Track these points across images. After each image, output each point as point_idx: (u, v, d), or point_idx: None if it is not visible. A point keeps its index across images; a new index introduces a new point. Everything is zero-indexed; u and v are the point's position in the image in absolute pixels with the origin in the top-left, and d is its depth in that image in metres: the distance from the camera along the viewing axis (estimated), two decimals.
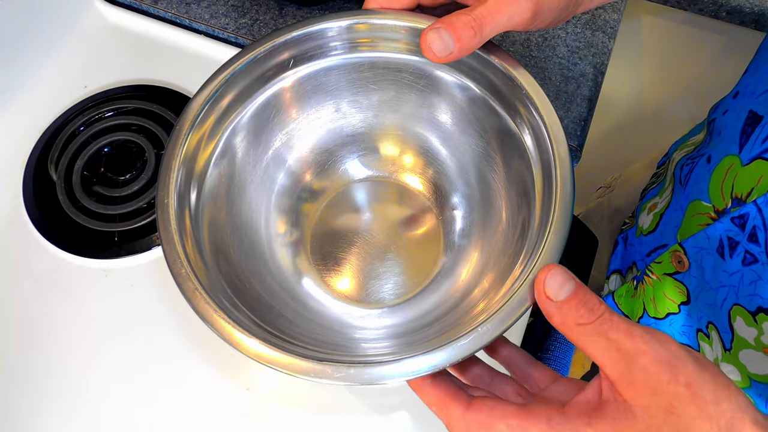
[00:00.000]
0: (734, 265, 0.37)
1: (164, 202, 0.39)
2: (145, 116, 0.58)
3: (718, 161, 0.40)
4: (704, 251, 0.40)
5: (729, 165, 0.38)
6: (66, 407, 0.47)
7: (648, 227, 0.50)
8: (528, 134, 0.42)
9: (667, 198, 0.48)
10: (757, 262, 0.36)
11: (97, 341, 0.49)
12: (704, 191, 0.41)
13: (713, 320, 0.41)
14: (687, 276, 0.43)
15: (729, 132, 0.40)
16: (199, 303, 0.35)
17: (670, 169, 0.52)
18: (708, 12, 0.69)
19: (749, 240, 0.36)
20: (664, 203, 0.49)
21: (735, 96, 0.43)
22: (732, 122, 0.40)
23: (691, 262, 0.42)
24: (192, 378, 0.48)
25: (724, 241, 0.38)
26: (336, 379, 0.33)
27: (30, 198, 0.54)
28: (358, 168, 0.53)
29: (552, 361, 0.52)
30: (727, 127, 0.41)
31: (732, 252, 0.37)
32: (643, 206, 0.53)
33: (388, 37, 0.45)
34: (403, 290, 0.48)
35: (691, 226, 0.42)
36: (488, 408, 0.25)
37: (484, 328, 0.33)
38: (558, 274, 0.26)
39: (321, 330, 0.44)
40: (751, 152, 0.36)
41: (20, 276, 0.52)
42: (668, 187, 0.50)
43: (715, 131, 0.43)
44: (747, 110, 0.38)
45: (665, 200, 0.49)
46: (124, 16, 0.65)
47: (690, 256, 0.42)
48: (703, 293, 0.42)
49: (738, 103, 0.41)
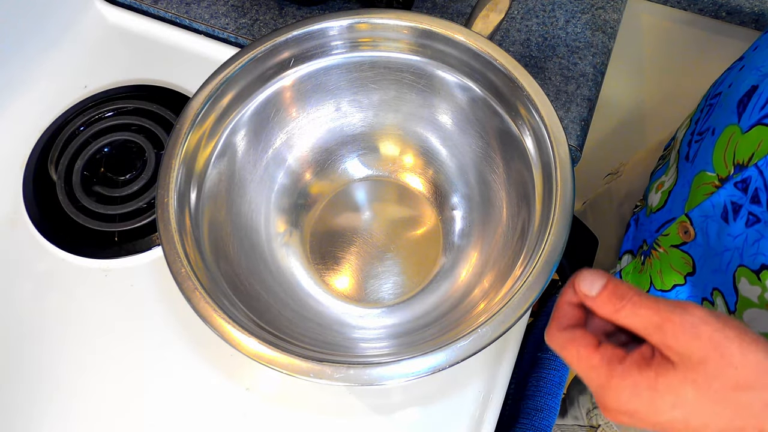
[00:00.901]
0: (738, 228, 0.39)
1: (164, 202, 0.39)
2: (145, 116, 0.58)
3: (721, 132, 0.41)
4: (709, 219, 0.41)
5: (730, 134, 0.40)
6: (65, 406, 0.47)
7: (657, 205, 0.51)
8: (528, 135, 0.42)
9: (674, 175, 0.50)
10: (760, 222, 0.37)
11: (96, 341, 0.49)
12: (709, 162, 0.42)
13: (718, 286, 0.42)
14: (693, 246, 0.44)
15: (731, 103, 0.41)
16: (199, 302, 0.35)
17: (675, 148, 0.53)
18: (708, 12, 0.69)
19: (752, 202, 0.37)
20: (671, 181, 0.50)
21: (741, 69, 0.44)
22: (734, 94, 0.42)
23: (697, 231, 0.43)
24: (192, 378, 0.48)
25: (728, 206, 0.39)
26: (335, 380, 0.33)
27: (30, 198, 0.54)
28: (358, 167, 0.53)
29: (552, 361, 0.52)
30: (730, 100, 0.42)
31: (735, 215, 0.39)
32: (651, 186, 0.54)
33: (389, 37, 0.45)
34: (402, 290, 0.48)
35: (697, 196, 0.43)
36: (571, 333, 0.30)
37: (484, 329, 0.33)
38: (587, 276, 0.30)
39: (320, 329, 0.44)
40: (749, 120, 0.38)
41: (20, 276, 0.51)
42: (673, 165, 0.51)
43: (718, 105, 0.45)
44: (749, 84, 0.40)
45: (672, 178, 0.50)
46: (124, 16, 0.65)
47: (696, 225, 0.43)
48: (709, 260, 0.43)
49: (742, 76, 0.43)
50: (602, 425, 0.65)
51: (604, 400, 0.29)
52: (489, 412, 0.46)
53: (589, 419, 0.67)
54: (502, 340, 0.49)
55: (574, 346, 0.29)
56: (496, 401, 0.47)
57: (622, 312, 0.28)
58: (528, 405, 0.51)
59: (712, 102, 0.47)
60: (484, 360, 0.48)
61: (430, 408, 0.46)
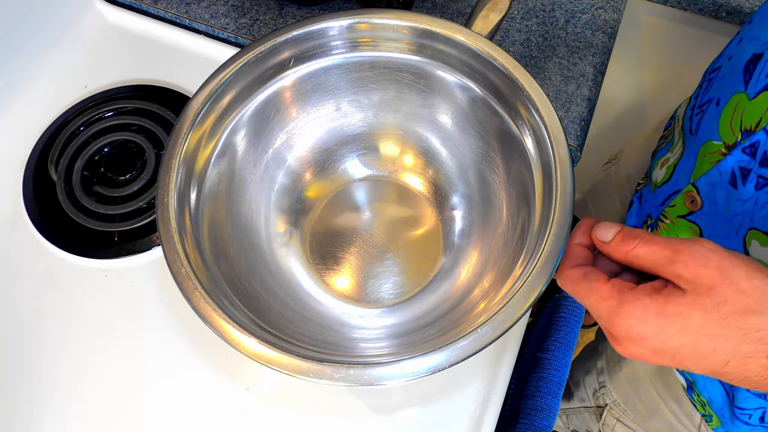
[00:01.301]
0: (747, 192, 0.39)
1: (164, 202, 0.39)
2: (145, 116, 0.58)
3: (727, 101, 0.42)
4: (716, 186, 0.42)
5: (737, 102, 0.40)
6: (65, 406, 0.47)
7: (662, 179, 0.52)
8: (528, 135, 0.42)
9: (679, 150, 0.50)
10: None
11: (96, 341, 0.49)
12: (714, 131, 0.43)
13: None
14: (700, 215, 0.45)
15: (734, 74, 0.42)
16: (199, 302, 0.35)
17: (677, 126, 0.54)
18: (708, 12, 0.69)
19: (761, 165, 0.38)
20: (676, 156, 0.51)
21: (739, 42, 0.45)
22: (736, 65, 0.42)
23: (704, 199, 0.43)
24: (192, 378, 0.48)
25: (736, 171, 0.40)
26: (335, 380, 0.33)
27: (30, 198, 0.54)
28: (358, 167, 0.53)
29: (552, 361, 0.52)
30: (732, 71, 0.43)
31: (744, 180, 0.39)
32: (655, 164, 0.55)
33: (389, 37, 0.45)
34: (402, 290, 0.48)
35: (703, 165, 0.44)
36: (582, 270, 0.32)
37: (484, 329, 0.33)
38: (602, 225, 0.32)
39: (320, 329, 0.44)
40: (756, 86, 0.38)
41: (20, 276, 0.51)
42: (678, 141, 0.52)
43: (718, 77, 0.46)
44: (750, 53, 0.41)
45: (677, 153, 0.51)
46: (124, 16, 0.65)
47: (702, 194, 0.43)
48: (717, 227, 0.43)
49: (740, 48, 0.44)
50: (609, 404, 0.65)
51: (614, 328, 0.29)
52: (489, 412, 0.46)
53: (596, 399, 0.67)
54: (502, 340, 0.49)
55: (585, 280, 0.31)
56: (496, 401, 0.47)
57: (635, 251, 0.30)
58: (528, 405, 0.51)
59: (711, 76, 0.48)
60: (484, 360, 0.48)
61: (430, 408, 0.46)
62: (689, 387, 0.50)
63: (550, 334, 0.53)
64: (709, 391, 0.47)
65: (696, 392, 0.49)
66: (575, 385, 0.72)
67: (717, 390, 0.46)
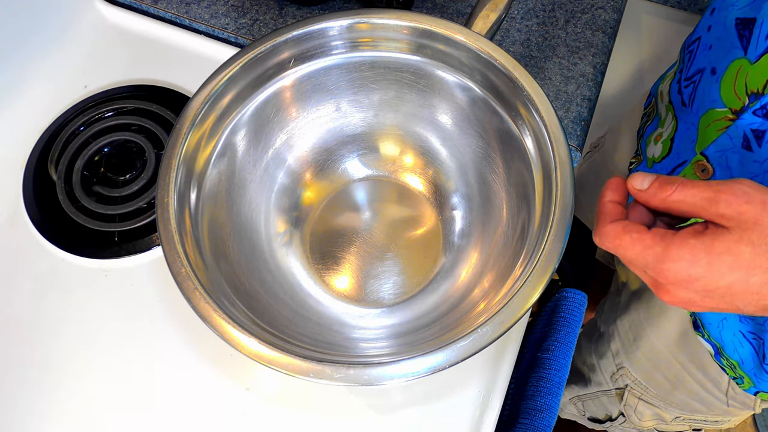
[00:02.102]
0: (764, 153, 0.40)
1: (164, 202, 0.39)
2: (145, 116, 0.58)
3: (725, 68, 0.42)
4: (728, 152, 0.42)
5: (737, 68, 0.40)
6: (65, 406, 0.47)
7: (660, 154, 0.52)
8: (528, 136, 0.42)
9: (672, 123, 0.50)
10: None
11: (96, 341, 0.49)
12: (716, 99, 0.43)
13: None
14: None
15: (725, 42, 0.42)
16: (199, 302, 0.35)
17: (662, 101, 0.54)
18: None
19: None
20: (670, 129, 0.51)
21: (712, 12, 0.45)
22: (721, 33, 0.43)
23: (715, 166, 0.44)
24: (192, 378, 0.48)
25: (749, 134, 0.40)
26: (335, 380, 0.33)
27: (30, 198, 0.54)
28: (358, 167, 0.53)
29: (552, 361, 0.52)
30: (719, 39, 0.43)
31: (760, 141, 0.40)
32: (647, 140, 0.55)
33: (389, 37, 0.45)
34: (402, 290, 0.48)
35: (708, 135, 0.44)
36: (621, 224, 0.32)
37: (485, 329, 0.33)
38: (637, 175, 0.32)
39: (320, 329, 0.44)
40: (757, 50, 0.39)
41: (20, 276, 0.51)
42: (668, 114, 0.52)
43: (701, 48, 0.46)
44: (732, 19, 0.41)
45: (670, 126, 0.51)
46: (124, 16, 0.65)
47: (713, 161, 0.44)
48: None
49: (717, 16, 0.44)
50: (629, 384, 0.65)
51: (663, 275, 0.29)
52: (489, 412, 0.46)
53: (614, 382, 0.67)
54: (502, 340, 0.49)
55: (626, 233, 0.31)
56: (496, 401, 0.47)
57: (674, 195, 0.30)
58: (528, 405, 0.51)
59: (691, 48, 0.48)
60: (484, 360, 0.48)
61: (430, 408, 0.46)
62: (717, 352, 0.50)
63: (550, 334, 0.53)
64: (740, 353, 0.47)
65: (725, 356, 0.49)
66: (590, 369, 0.72)
67: (747, 350, 0.46)
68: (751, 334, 0.45)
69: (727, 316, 0.46)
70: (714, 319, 0.47)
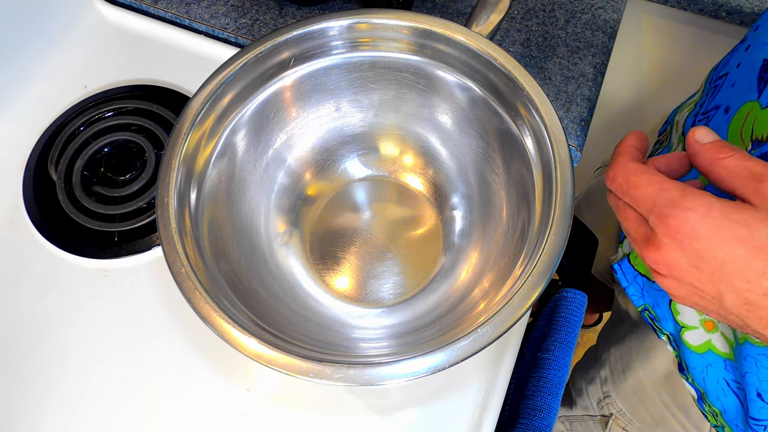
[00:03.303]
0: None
1: (164, 202, 0.39)
2: (145, 116, 0.58)
3: (737, 109, 0.41)
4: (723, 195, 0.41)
5: (748, 111, 0.39)
6: (65, 406, 0.47)
7: None
8: (529, 135, 0.42)
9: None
10: None
11: (96, 341, 0.49)
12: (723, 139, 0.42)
13: None
14: None
15: (745, 82, 0.41)
16: (199, 302, 0.35)
17: (676, 132, 0.53)
18: (708, 12, 0.69)
19: None
20: None
21: (747, 49, 0.44)
22: (747, 73, 0.41)
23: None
24: (192, 378, 0.48)
25: None
26: (335, 380, 0.33)
27: (30, 198, 0.54)
28: (358, 167, 0.53)
29: (552, 361, 0.52)
30: (742, 79, 0.42)
31: None
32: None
33: (389, 37, 0.45)
34: (402, 290, 0.48)
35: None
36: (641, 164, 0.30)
37: (485, 329, 0.33)
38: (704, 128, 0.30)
39: (320, 329, 0.44)
40: None
41: (20, 276, 0.51)
42: (679, 145, 0.51)
43: (726, 84, 0.45)
44: (761, 59, 0.40)
45: None
46: (124, 16, 0.65)
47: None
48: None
49: (750, 55, 0.43)
50: (614, 414, 0.64)
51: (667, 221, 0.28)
52: (489, 412, 0.46)
53: (600, 409, 0.67)
54: (502, 340, 0.49)
55: (646, 172, 0.29)
56: (496, 401, 0.47)
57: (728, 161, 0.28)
58: (528, 405, 0.51)
59: (717, 83, 0.47)
60: (484, 360, 0.48)
61: (430, 408, 0.46)
62: (700, 398, 0.49)
63: (550, 334, 0.53)
64: (722, 401, 0.46)
65: (707, 403, 0.48)
66: (578, 394, 0.72)
67: (731, 400, 0.45)
68: (735, 383, 0.44)
69: (712, 363, 0.45)
70: (699, 364, 0.46)
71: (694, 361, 0.47)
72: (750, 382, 0.41)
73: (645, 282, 0.49)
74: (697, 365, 0.47)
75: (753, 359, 0.40)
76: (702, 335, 0.45)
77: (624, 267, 0.51)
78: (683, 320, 0.46)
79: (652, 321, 0.51)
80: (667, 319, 0.48)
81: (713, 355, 0.45)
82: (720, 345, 0.44)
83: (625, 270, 0.51)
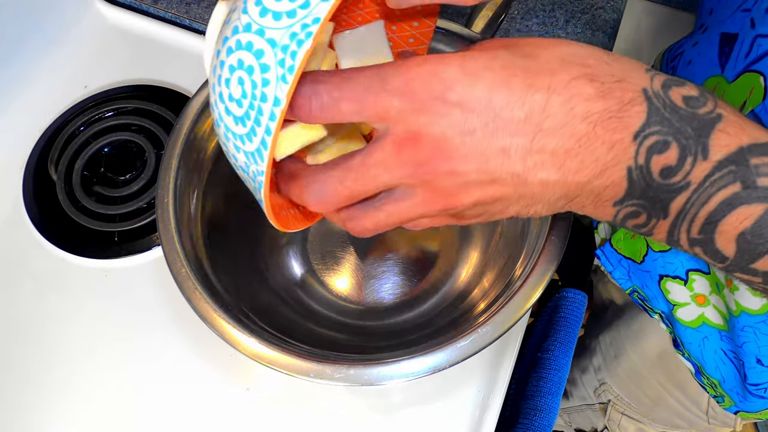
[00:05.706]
0: None
1: (164, 202, 0.39)
2: (145, 116, 0.58)
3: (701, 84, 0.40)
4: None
5: (714, 85, 0.39)
6: (65, 406, 0.47)
7: None
8: None
9: None
10: None
11: (96, 341, 0.49)
12: None
13: None
14: None
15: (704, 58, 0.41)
16: (199, 302, 0.35)
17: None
18: None
19: None
20: None
21: (703, 30, 0.44)
22: (705, 49, 0.41)
23: None
24: (192, 378, 0.48)
25: None
26: (335, 380, 0.33)
27: (30, 198, 0.54)
28: None
29: (552, 361, 0.52)
30: (699, 55, 0.42)
31: None
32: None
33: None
34: (402, 290, 0.48)
35: None
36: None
37: (485, 329, 0.33)
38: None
39: (320, 329, 0.44)
40: (735, 68, 0.37)
41: (20, 276, 0.51)
42: None
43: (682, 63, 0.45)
44: (718, 34, 0.39)
45: None
46: (124, 16, 0.65)
47: None
48: None
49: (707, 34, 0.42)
50: (612, 400, 0.65)
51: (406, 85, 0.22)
52: (489, 412, 0.46)
53: (597, 397, 0.67)
54: (502, 340, 0.49)
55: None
56: (496, 402, 0.47)
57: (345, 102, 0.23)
58: (528, 405, 0.51)
59: (674, 64, 0.47)
60: (484, 360, 0.48)
61: (430, 408, 0.46)
62: (697, 371, 0.49)
63: (550, 334, 0.53)
64: (721, 371, 0.46)
65: (705, 375, 0.48)
66: (571, 384, 0.72)
67: (728, 369, 0.46)
68: (732, 353, 0.45)
69: (708, 335, 0.45)
70: (694, 338, 0.47)
71: (690, 336, 0.47)
72: (748, 351, 0.42)
73: (631, 264, 0.49)
74: (693, 340, 0.47)
75: (751, 328, 0.41)
76: (694, 310, 0.46)
77: (606, 251, 0.51)
78: (674, 298, 0.46)
79: (642, 302, 0.51)
80: (658, 298, 0.48)
81: (708, 327, 0.45)
82: (713, 317, 0.45)
83: (608, 254, 0.51)
